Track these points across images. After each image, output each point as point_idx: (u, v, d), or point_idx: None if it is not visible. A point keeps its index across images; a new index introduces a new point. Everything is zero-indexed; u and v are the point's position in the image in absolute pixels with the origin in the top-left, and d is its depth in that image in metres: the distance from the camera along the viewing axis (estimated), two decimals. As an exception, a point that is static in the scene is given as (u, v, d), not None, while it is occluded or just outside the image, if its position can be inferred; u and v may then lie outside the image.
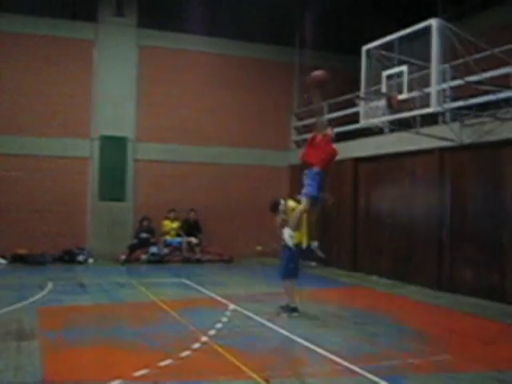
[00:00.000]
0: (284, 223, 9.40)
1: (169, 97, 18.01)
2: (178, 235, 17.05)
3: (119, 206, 17.18)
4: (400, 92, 10.10)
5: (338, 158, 16.58)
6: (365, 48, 10.68)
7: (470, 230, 11.76)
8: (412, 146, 13.22)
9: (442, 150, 12.47)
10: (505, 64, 10.71)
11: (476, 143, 11.44)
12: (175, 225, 17.14)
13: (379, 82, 10.56)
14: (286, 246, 9.39)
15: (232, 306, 9.99)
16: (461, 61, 10.65)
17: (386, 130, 14.18)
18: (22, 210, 16.19)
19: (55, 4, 16.89)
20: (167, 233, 17.03)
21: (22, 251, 15.62)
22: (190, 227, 17.19)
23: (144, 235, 16.67)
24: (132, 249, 16.48)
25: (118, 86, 17.29)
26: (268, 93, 19.19)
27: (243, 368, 6.38)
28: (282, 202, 9.72)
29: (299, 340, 7.74)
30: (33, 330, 7.99)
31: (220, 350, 7.16)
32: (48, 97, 16.70)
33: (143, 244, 16.60)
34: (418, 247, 13.17)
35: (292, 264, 9.39)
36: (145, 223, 16.81)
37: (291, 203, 9.86)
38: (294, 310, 9.39)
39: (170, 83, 18.04)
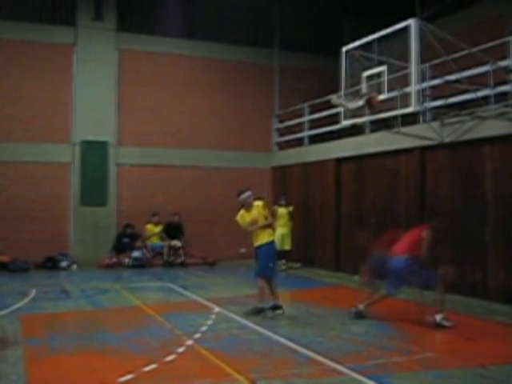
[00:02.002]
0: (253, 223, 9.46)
1: (149, 100, 17.95)
2: (161, 239, 16.98)
3: (101, 211, 17.08)
4: (380, 92, 10.16)
5: (319, 158, 16.73)
6: (344, 49, 10.73)
7: (452, 228, 11.83)
8: (393, 145, 13.30)
9: (422, 148, 12.55)
10: (483, 63, 10.81)
11: (456, 142, 11.54)
12: (158, 229, 17.07)
13: (359, 82, 10.60)
14: (261, 246, 9.42)
15: (217, 309, 9.98)
16: (440, 60, 10.75)
17: (367, 130, 14.27)
18: (3, 216, 16.03)
19: (34, 8, 16.79)
20: (151, 237, 16.96)
21: (3, 258, 15.45)
22: (173, 230, 17.11)
23: (126, 240, 16.58)
24: (116, 250, 16.46)
25: (97, 90, 17.19)
26: (249, 95, 19.20)
27: (229, 370, 6.38)
28: (248, 193, 9.60)
29: (284, 341, 7.74)
30: (16, 338, 7.91)
31: (205, 353, 7.15)
32: (27, 102, 16.57)
33: (125, 248, 16.51)
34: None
35: (271, 263, 9.42)
36: (128, 230, 16.72)
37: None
38: (261, 310, 9.43)
39: (150, 86, 17.98)
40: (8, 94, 16.44)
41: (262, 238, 9.47)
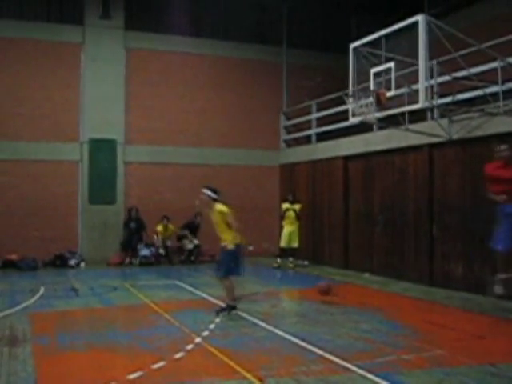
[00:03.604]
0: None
1: (157, 98, 17.98)
2: (181, 237, 17.02)
3: (110, 209, 17.13)
4: (388, 89, 10.12)
5: (327, 156, 16.69)
6: (352, 46, 10.70)
7: (461, 225, 11.79)
8: (401, 142, 13.27)
9: (431, 145, 12.50)
10: (491, 59, 10.76)
11: (465, 138, 11.48)
12: (170, 228, 17.09)
13: (367, 79, 10.58)
14: (226, 248, 9.39)
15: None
16: (448, 57, 10.70)
17: (375, 127, 14.23)
18: (13, 215, 16.12)
19: (42, 8, 16.84)
20: (169, 235, 17.03)
21: (13, 256, 15.55)
22: (193, 230, 17.14)
23: (133, 225, 16.63)
24: (125, 246, 16.52)
25: (106, 89, 17.23)
26: (257, 93, 19.18)
27: (237, 368, 6.38)
28: (209, 192, 10.15)
29: (293, 339, 7.74)
30: (25, 336, 7.95)
31: (214, 350, 7.15)
32: (36, 101, 16.65)
33: (132, 239, 16.57)
34: (410, 244, 13.19)
35: (232, 263, 9.39)
36: (133, 213, 16.78)
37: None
38: (234, 308, 9.44)
39: (158, 85, 18.00)
40: (17, 92, 16.50)
41: (226, 241, 9.44)
